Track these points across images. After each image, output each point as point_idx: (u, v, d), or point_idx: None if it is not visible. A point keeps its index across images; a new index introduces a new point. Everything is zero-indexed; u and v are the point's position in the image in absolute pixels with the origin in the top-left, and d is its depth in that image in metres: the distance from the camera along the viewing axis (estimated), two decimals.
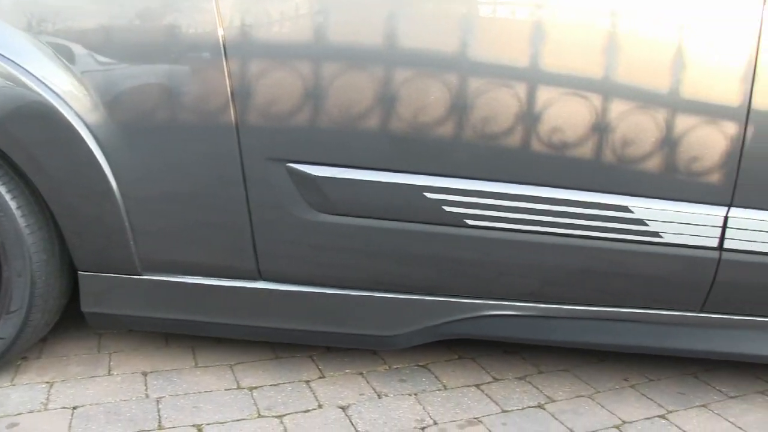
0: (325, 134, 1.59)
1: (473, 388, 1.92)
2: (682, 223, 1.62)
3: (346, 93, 1.56)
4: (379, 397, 1.84)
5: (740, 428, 1.79)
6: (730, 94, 1.57)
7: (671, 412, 1.85)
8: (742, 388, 2.04)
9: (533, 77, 1.54)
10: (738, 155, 1.59)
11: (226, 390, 1.85)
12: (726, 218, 1.63)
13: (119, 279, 1.75)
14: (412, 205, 1.60)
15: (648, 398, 1.92)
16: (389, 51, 1.55)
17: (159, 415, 1.71)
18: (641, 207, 1.60)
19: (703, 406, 1.91)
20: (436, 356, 2.10)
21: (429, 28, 1.54)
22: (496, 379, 1.98)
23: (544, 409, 1.83)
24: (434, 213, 1.60)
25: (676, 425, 1.78)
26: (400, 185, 1.60)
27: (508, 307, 1.74)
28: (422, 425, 1.72)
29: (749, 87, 1.56)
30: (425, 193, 1.59)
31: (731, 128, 1.58)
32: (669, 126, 1.56)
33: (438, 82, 1.53)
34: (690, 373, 2.10)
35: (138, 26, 1.60)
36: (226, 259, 1.75)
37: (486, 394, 1.89)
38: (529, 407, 1.83)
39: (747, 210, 1.64)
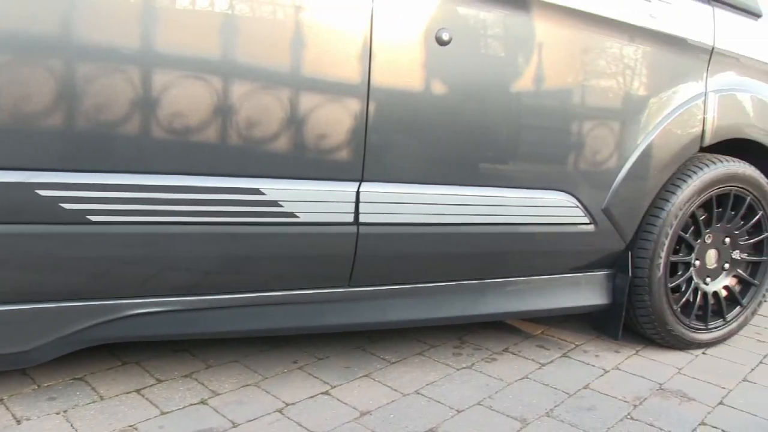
0: None
1: (133, 394, 1.78)
2: (317, 201, 1.65)
3: None
4: (19, 422, 1.62)
5: (396, 390, 1.90)
6: (351, 73, 1.62)
7: (335, 387, 1.90)
8: (402, 352, 2.17)
9: (146, 60, 1.42)
10: (363, 131, 1.65)
11: None
12: (358, 193, 1.70)
13: None
14: (24, 204, 1.41)
15: (315, 377, 1.95)
16: None
17: None
18: (273, 188, 1.59)
19: (366, 375, 1.99)
20: (97, 366, 1.92)
21: None
22: (159, 381, 1.86)
23: (207, 404, 1.76)
24: (51, 211, 1.43)
25: (337, 399, 1.83)
26: (6, 184, 1.39)
27: (153, 304, 1.63)
28: None
29: (367, 65, 1.63)
30: (38, 191, 1.41)
31: (354, 105, 1.64)
32: (294, 106, 1.56)
33: (40, 69, 1.35)
34: (357, 347, 2.19)
35: None
36: None
37: (146, 399, 1.76)
38: (191, 405, 1.75)
39: (377, 184, 1.72)
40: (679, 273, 2.31)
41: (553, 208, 1.97)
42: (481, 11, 1.76)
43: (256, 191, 1.57)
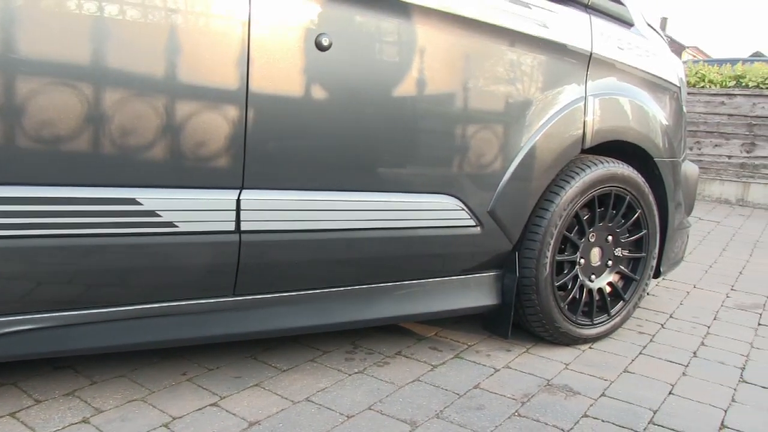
0: None
1: (7, 418, 1.69)
2: (196, 210, 1.61)
3: None
4: None
5: (286, 398, 1.88)
6: (228, 78, 1.60)
7: (224, 398, 1.86)
8: (294, 360, 2.15)
9: (7, 65, 1.34)
10: (243, 138, 1.63)
11: None
12: (239, 201, 1.67)
13: None
14: None
15: (204, 389, 1.91)
16: None
17: None
18: (150, 198, 1.54)
19: (257, 385, 1.96)
20: None
21: None
22: (38, 402, 1.78)
23: (89, 422, 1.69)
24: None
25: (226, 410, 1.79)
26: None
27: (28, 321, 1.55)
28: None
29: (245, 70, 1.61)
30: None
31: (233, 111, 1.61)
32: (170, 113, 1.52)
33: None
34: (250, 355, 2.16)
35: None
36: None
37: (21, 422, 1.67)
38: (72, 425, 1.67)
39: (259, 191, 1.70)
40: (565, 271, 2.39)
41: (439, 211, 2.00)
42: (363, 16, 1.77)
43: (133, 201, 1.52)
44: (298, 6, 1.67)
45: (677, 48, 48.04)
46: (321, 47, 1.70)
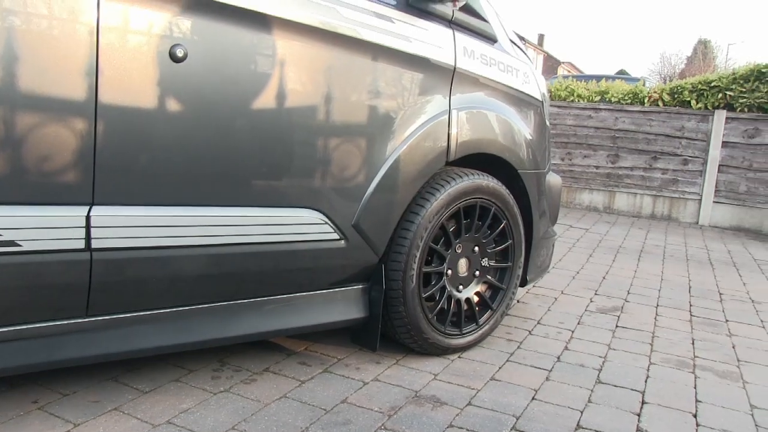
0: None
1: None
2: (41, 228, 1.50)
3: None
4: None
5: (146, 421, 1.79)
6: (75, 89, 1.50)
7: (78, 425, 1.74)
8: (158, 380, 2.05)
9: None
10: (92, 151, 1.54)
11: None
12: (89, 218, 1.57)
13: None
14: None
15: (56, 416, 1.78)
16: None
17: None
18: None
19: (115, 409, 1.85)
20: None
21: None
22: None
23: None
24: None
25: None
26: None
27: None
28: None
29: (94, 81, 1.52)
30: None
31: (80, 124, 1.52)
32: (9, 125, 1.41)
33: None
34: (110, 378, 2.04)
35: None
36: None
37: None
38: None
39: (110, 207, 1.61)
40: (433, 282, 2.42)
41: (301, 225, 1.97)
42: (220, 26, 1.72)
43: None
44: (151, 14, 1.60)
45: (553, 63, 50.58)
46: (176, 59, 1.63)
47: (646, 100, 7.40)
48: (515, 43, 2.82)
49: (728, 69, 8.74)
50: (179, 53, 1.64)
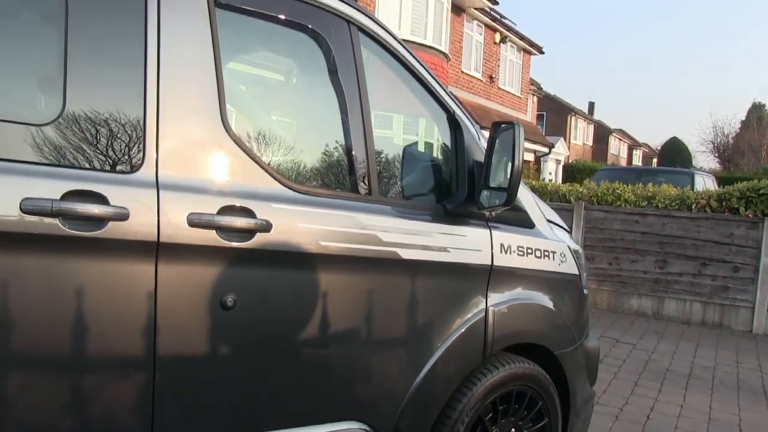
0: None
1: None
2: None
3: None
4: None
5: None
6: (134, 348, 1.68)
7: None
8: None
9: None
10: (150, 403, 1.71)
11: None
12: None
13: None
14: None
15: None
16: None
17: None
18: None
19: None
20: None
21: None
22: None
23: None
24: None
25: None
26: None
27: None
28: None
29: (152, 341, 1.70)
30: None
31: (140, 377, 1.70)
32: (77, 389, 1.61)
33: None
34: None
35: None
36: None
37: None
38: None
39: None
40: None
41: None
42: (265, 272, 1.89)
43: None
44: (204, 271, 1.78)
45: (604, 131, 50.34)
46: (226, 307, 1.81)
47: (693, 206, 7.41)
48: (552, 222, 2.92)
49: None
50: (229, 302, 1.81)
